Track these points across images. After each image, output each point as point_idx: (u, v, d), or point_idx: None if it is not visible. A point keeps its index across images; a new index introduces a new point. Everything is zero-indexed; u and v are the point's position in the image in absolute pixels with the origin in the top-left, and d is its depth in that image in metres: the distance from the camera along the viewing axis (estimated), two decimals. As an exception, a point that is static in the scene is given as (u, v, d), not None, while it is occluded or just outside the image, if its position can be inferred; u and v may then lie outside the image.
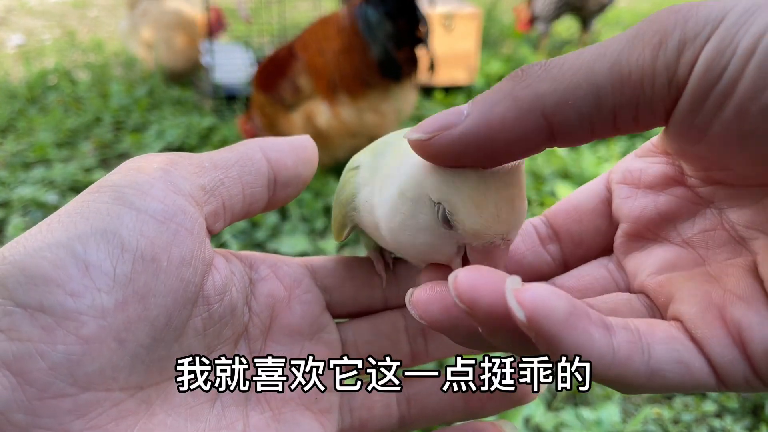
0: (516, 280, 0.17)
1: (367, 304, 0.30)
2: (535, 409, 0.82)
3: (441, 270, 0.25)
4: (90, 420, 0.20)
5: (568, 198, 0.28)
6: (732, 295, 0.20)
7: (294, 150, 0.27)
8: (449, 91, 1.87)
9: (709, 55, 0.17)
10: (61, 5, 3.34)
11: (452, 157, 0.21)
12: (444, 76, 1.83)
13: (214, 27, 1.81)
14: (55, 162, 1.47)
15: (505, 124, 0.19)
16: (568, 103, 0.19)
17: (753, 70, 0.17)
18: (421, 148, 0.21)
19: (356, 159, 0.29)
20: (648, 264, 0.24)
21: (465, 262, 0.24)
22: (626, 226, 0.26)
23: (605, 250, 0.27)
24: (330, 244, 1.14)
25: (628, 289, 0.25)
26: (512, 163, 0.22)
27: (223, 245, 1.13)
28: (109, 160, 1.51)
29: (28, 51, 2.39)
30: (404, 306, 0.30)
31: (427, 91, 1.85)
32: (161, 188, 0.23)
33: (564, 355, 0.17)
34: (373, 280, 0.30)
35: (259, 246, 1.17)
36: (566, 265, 0.28)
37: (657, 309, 0.23)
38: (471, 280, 0.18)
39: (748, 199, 0.22)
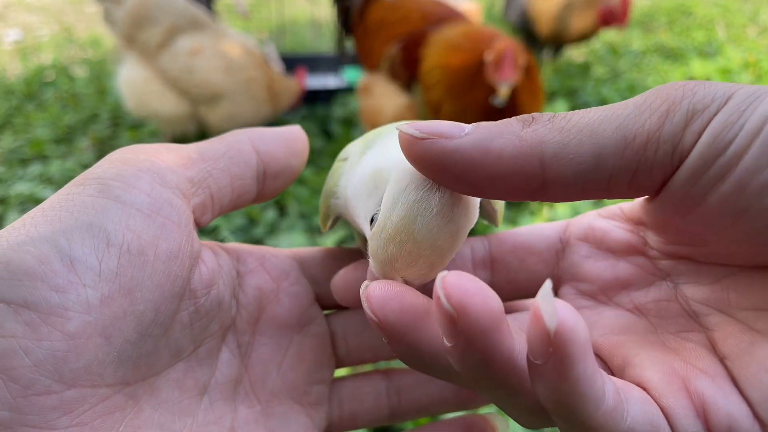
0: (550, 283, 0.16)
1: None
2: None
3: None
4: (76, 417, 0.20)
5: (518, 232, 0.28)
6: (695, 369, 0.20)
7: (284, 141, 0.27)
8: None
9: (716, 128, 0.18)
10: (58, 1, 3.33)
11: (434, 166, 0.19)
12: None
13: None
14: (52, 158, 1.46)
15: (502, 157, 0.19)
16: (568, 157, 0.19)
17: (757, 148, 0.17)
18: (409, 144, 0.20)
19: (347, 150, 0.29)
20: (600, 325, 0.24)
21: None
22: (582, 285, 0.25)
23: (533, 297, 0.27)
24: (328, 240, 1.14)
25: None
26: (453, 226, 0.20)
27: (221, 242, 1.13)
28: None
29: (25, 47, 2.38)
30: None
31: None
32: (148, 181, 0.23)
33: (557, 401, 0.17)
34: None
35: (258, 242, 1.17)
36: None
37: (610, 370, 0.22)
38: (462, 283, 0.16)
39: (708, 277, 0.22)
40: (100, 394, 0.20)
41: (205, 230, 1.19)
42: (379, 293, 0.19)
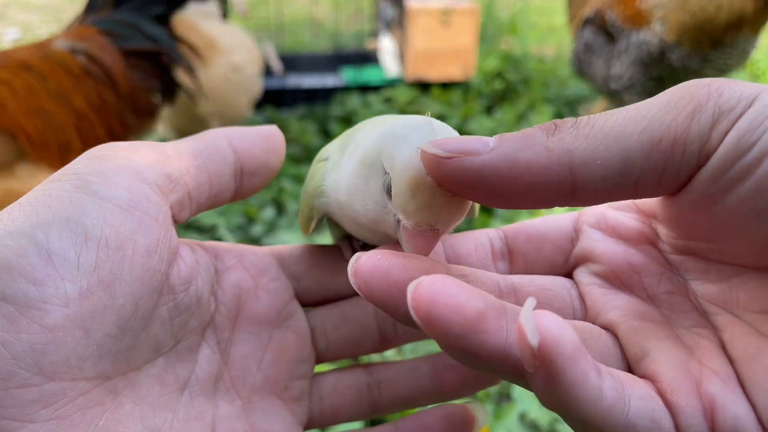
0: (533, 302, 0.16)
1: (335, 291, 0.30)
2: (530, 405, 0.82)
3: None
4: (56, 410, 0.20)
5: (533, 222, 0.28)
6: (708, 370, 0.20)
7: (261, 139, 0.27)
8: (446, 86, 1.87)
9: (741, 129, 0.18)
10: (57, 0, 3.33)
11: (464, 183, 0.20)
12: (441, 72, 1.83)
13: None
14: (50, 157, 1.47)
15: (531, 169, 0.19)
16: (596, 163, 0.19)
17: None
18: (435, 164, 0.20)
19: (325, 150, 0.29)
20: (616, 305, 0.24)
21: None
22: (595, 267, 0.25)
23: None
24: (326, 238, 1.14)
25: (584, 319, 0.25)
26: None
27: (219, 240, 1.13)
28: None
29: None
30: None
31: (425, 86, 1.85)
32: (126, 176, 0.23)
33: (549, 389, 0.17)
34: (341, 266, 0.30)
35: (256, 241, 1.17)
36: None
37: (625, 357, 0.22)
38: (432, 292, 0.17)
39: (716, 276, 0.22)
40: (80, 388, 0.20)
41: (202, 229, 1.20)
42: (367, 268, 0.20)
